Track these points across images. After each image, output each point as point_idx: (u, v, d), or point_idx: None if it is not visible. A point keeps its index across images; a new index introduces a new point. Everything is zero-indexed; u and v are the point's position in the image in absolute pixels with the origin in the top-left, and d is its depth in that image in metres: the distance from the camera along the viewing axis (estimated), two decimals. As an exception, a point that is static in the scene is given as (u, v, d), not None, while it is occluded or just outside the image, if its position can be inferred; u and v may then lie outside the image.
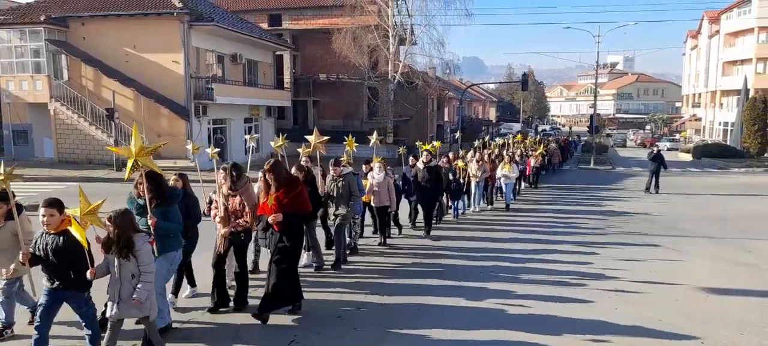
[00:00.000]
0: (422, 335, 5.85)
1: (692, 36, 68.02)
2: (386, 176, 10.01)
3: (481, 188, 14.80)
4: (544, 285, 7.63)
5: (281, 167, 6.16)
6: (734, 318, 6.43)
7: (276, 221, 5.92)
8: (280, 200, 5.93)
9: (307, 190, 6.80)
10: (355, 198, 8.54)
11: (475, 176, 14.29)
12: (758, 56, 48.47)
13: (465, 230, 11.97)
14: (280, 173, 6.07)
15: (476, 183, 14.42)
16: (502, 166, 15.33)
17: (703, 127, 60.53)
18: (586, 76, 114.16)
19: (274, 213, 5.93)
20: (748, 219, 14.17)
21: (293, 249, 6.13)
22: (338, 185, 8.46)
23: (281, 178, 6.03)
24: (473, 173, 14.27)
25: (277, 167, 6.05)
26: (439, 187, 11.25)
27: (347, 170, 8.58)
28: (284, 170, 6.23)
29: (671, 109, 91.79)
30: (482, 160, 14.87)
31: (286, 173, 6.23)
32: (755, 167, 31.83)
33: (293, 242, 6.10)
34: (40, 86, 23.87)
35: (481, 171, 14.38)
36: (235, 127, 27.75)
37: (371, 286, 7.55)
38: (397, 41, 31.85)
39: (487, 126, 61.57)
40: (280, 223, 5.92)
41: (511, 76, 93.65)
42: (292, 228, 6.05)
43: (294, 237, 6.10)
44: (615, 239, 11.15)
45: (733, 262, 9.44)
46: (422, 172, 10.97)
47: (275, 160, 6.22)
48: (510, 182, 15.33)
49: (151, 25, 23.56)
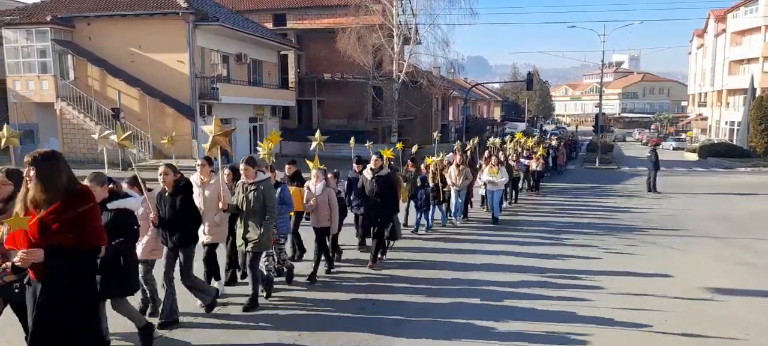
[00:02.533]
0: None
1: (698, 35, 67.69)
2: (326, 188, 7.89)
3: (463, 197, 12.54)
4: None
5: (52, 166, 3.62)
6: (739, 318, 6.40)
7: (29, 262, 3.48)
8: (45, 224, 3.47)
9: None
10: (272, 215, 6.32)
11: (455, 184, 12.04)
12: (765, 55, 48.16)
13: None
14: (51, 175, 3.57)
15: (457, 192, 12.16)
16: (487, 171, 12.74)
17: (709, 127, 60.23)
18: (591, 76, 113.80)
19: (27, 247, 3.47)
20: (754, 219, 14.10)
21: (75, 318, 3.58)
22: (249, 196, 6.22)
23: (54, 185, 3.54)
24: (452, 179, 12.04)
25: (39, 164, 3.57)
26: (391, 202, 8.48)
27: (265, 176, 6.43)
28: (64, 173, 3.64)
29: (677, 108, 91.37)
30: (464, 163, 12.45)
31: (67, 178, 3.63)
32: (762, 167, 31.63)
33: (69, 307, 3.55)
34: (47, 86, 24.01)
35: (462, 177, 12.10)
36: (240, 127, 27.82)
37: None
38: (402, 41, 31.85)
39: (492, 125, 61.47)
40: (38, 265, 3.50)
41: (515, 76, 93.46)
42: (62, 277, 3.52)
43: (69, 294, 3.53)
44: (616, 245, 11.09)
45: (738, 262, 9.39)
46: (370, 182, 8.31)
47: (40, 155, 3.65)
48: (497, 190, 12.77)
49: (157, 25, 23.66)
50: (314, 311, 6.52)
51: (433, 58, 34.86)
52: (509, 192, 15.53)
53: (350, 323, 6.08)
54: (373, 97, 35.13)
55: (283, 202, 7.09)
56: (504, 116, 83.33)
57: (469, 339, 5.69)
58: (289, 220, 7.60)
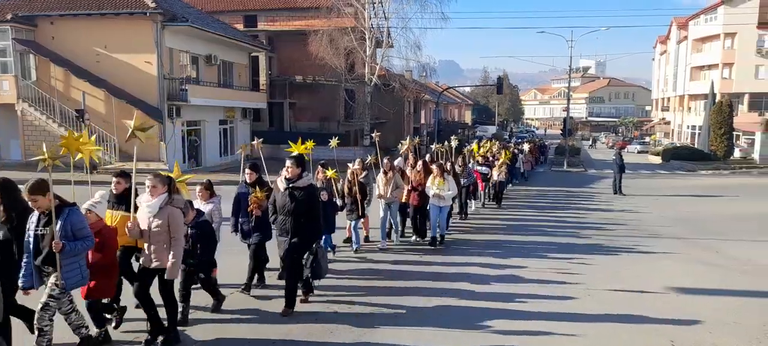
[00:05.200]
0: None
1: (662, 41, 69.77)
2: (167, 206, 5.28)
3: (394, 212, 10.20)
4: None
5: None
6: (703, 318, 6.58)
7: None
8: None
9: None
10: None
11: (382, 196, 9.99)
12: (724, 62, 50.01)
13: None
14: None
15: (385, 206, 9.95)
16: (431, 181, 10.10)
17: (672, 131, 62.09)
18: (559, 80, 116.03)
19: None
20: (715, 220, 14.57)
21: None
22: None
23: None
24: (380, 190, 10.05)
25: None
26: (310, 223, 6.26)
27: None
28: None
29: (641, 112, 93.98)
30: (391, 169, 10.10)
31: None
32: (722, 170, 32.77)
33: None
34: (7, 86, 23.19)
35: (390, 187, 9.88)
36: (209, 129, 27.41)
37: None
38: (374, 44, 31.89)
39: (463, 129, 62.07)
40: None
41: (486, 80, 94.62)
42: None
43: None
44: (589, 251, 11.28)
45: (703, 262, 9.68)
46: (282, 195, 6.25)
47: None
48: (444, 206, 10.21)
49: (123, 25, 23.11)
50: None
51: (406, 62, 35.07)
52: (462, 203, 13.36)
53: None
54: (345, 100, 35.02)
55: (74, 236, 4.78)
56: (475, 120, 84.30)
57: None
58: (80, 267, 4.93)
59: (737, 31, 47.88)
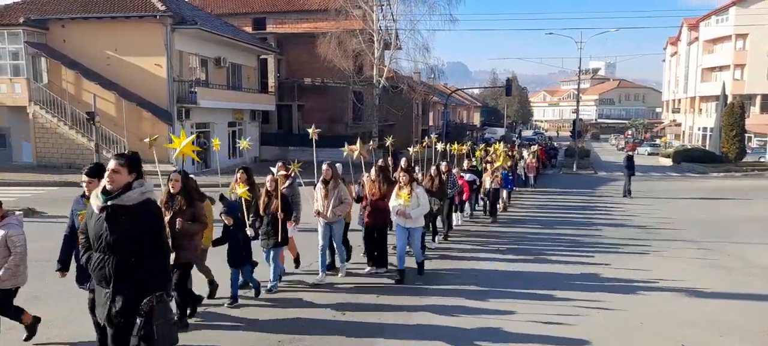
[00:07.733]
0: None
1: (672, 43, 69.28)
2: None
3: (338, 236, 7.85)
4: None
5: None
6: (714, 320, 6.51)
7: None
8: None
9: None
10: None
11: (320, 214, 7.65)
12: (736, 63, 49.60)
13: None
14: None
15: (325, 227, 7.67)
16: (395, 194, 7.82)
17: (682, 133, 61.59)
18: (568, 82, 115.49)
19: None
20: (727, 223, 14.41)
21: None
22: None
23: None
24: (318, 205, 7.71)
25: None
26: (151, 261, 3.69)
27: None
28: None
29: (652, 114, 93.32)
30: (335, 178, 7.73)
31: None
32: (734, 172, 32.42)
33: None
34: (19, 89, 23.47)
35: (330, 202, 7.55)
36: (218, 132, 27.50)
37: None
38: (382, 46, 31.90)
39: (472, 130, 61.90)
40: None
41: (495, 82, 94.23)
42: None
43: None
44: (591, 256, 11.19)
45: (715, 265, 9.58)
46: (96, 221, 3.69)
47: None
48: (415, 227, 7.83)
49: (133, 28, 23.32)
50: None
51: (414, 64, 34.95)
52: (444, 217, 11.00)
53: None
54: (353, 102, 35.03)
55: None
56: (483, 121, 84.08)
57: None
58: None
59: (749, 32, 47.47)
